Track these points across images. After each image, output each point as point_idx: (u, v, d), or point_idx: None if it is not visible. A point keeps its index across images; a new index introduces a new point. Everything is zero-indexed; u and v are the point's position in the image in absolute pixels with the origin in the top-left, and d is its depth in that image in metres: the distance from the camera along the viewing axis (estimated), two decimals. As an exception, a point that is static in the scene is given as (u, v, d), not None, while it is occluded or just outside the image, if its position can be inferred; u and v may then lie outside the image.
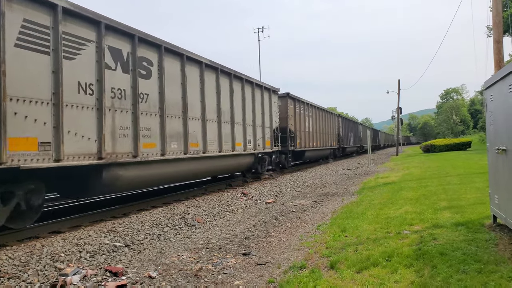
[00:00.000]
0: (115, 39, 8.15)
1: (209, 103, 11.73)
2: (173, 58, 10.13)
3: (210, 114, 11.81)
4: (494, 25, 11.80)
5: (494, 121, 5.67)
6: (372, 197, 10.55)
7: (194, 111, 10.95)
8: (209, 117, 11.69)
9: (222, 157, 12.66)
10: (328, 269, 4.81)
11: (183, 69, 10.38)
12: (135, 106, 8.53)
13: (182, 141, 10.27)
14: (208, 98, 11.70)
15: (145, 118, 8.87)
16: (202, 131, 11.28)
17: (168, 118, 9.67)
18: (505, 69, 4.94)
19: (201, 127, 11.23)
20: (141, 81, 8.81)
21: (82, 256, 5.75)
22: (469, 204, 7.89)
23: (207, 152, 11.42)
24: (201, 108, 11.30)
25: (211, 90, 11.99)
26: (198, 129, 11.09)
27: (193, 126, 10.84)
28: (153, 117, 9.17)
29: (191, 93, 10.75)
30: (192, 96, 10.80)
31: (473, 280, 3.92)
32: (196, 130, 11.00)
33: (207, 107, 11.52)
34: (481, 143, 44.03)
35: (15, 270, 5.07)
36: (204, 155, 11.31)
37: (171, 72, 9.92)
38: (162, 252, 6.32)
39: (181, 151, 10.19)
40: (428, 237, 5.66)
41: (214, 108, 12.13)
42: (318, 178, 17.55)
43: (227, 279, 4.87)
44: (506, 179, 5.15)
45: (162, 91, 9.47)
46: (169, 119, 9.72)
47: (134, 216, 8.48)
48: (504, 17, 25.41)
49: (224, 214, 9.47)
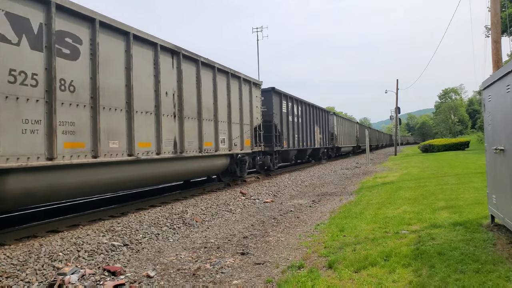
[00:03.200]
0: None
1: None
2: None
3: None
4: (493, 25, 11.82)
5: (492, 121, 5.69)
6: (371, 196, 10.57)
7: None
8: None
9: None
10: (326, 269, 4.81)
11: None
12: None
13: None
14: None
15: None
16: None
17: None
18: (503, 69, 4.95)
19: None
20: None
21: (80, 256, 5.75)
22: (467, 204, 7.91)
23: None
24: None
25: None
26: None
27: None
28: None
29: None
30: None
31: (471, 280, 3.93)
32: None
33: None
34: (479, 143, 44.10)
35: (13, 269, 5.06)
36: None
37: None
38: (160, 252, 6.32)
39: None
40: (426, 237, 5.67)
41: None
42: (317, 178, 17.57)
43: (225, 279, 4.87)
44: (504, 179, 5.16)
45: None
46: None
47: (133, 215, 8.47)
48: (502, 18, 25.47)
49: (222, 213, 9.47)
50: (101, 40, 7.76)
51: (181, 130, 10.31)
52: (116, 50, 8.27)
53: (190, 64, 11.02)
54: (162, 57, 9.68)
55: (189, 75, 10.91)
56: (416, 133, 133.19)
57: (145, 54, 9.14)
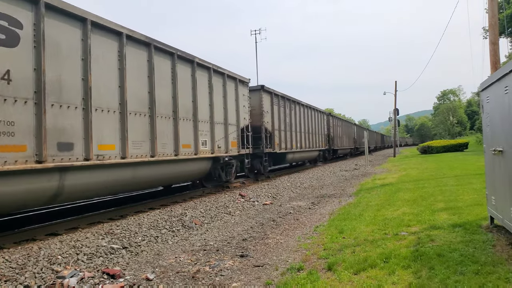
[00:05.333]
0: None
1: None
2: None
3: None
4: (490, 26, 11.86)
5: (490, 122, 5.70)
6: (370, 198, 10.57)
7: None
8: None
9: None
10: (325, 271, 4.81)
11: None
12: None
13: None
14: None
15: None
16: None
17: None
18: (501, 71, 4.96)
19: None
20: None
21: (79, 259, 5.73)
22: (466, 205, 7.92)
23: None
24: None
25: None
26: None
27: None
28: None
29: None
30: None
31: (471, 281, 3.93)
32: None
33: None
34: (478, 144, 44.19)
35: (12, 272, 5.04)
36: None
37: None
38: (159, 254, 6.31)
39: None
40: (425, 239, 5.67)
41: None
42: (316, 180, 17.57)
43: (225, 281, 4.86)
44: (503, 180, 5.17)
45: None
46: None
47: (132, 218, 8.46)
48: (500, 19, 25.57)
49: (221, 216, 9.47)
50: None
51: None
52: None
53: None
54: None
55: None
56: (415, 135, 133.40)
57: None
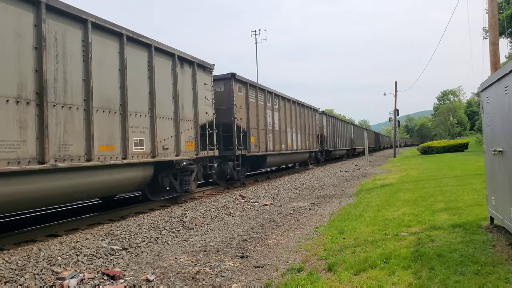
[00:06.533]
0: None
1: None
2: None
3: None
4: (490, 27, 11.86)
5: (490, 122, 5.70)
6: (370, 199, 10.57)
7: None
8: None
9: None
10: (326, 271, 4.81)
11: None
12: None
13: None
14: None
15: None
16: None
17: None
18: (501, 71, 4.96)
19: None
20: None
21: (79, 260, 5.73)
22: (466, 206, 7.91)
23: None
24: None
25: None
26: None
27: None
28: None
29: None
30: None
31: (471, 281, 3.93)
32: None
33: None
34: (478, 145, 44.16)
35: (12, 274, 5.04)
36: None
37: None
38: (159, 255, 6.31)
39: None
40: (425, 239, 5.67)
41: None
42: (316, 180, 17.57)
43: (225, 282, 4.86)
44: (502, 181, 5.17)
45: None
46: None
47: (132, 219, 8.46)
48: (500, 19, 25.58)
49: (221, 216, 9.46)
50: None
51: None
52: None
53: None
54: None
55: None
56: (415, 135, 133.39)
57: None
